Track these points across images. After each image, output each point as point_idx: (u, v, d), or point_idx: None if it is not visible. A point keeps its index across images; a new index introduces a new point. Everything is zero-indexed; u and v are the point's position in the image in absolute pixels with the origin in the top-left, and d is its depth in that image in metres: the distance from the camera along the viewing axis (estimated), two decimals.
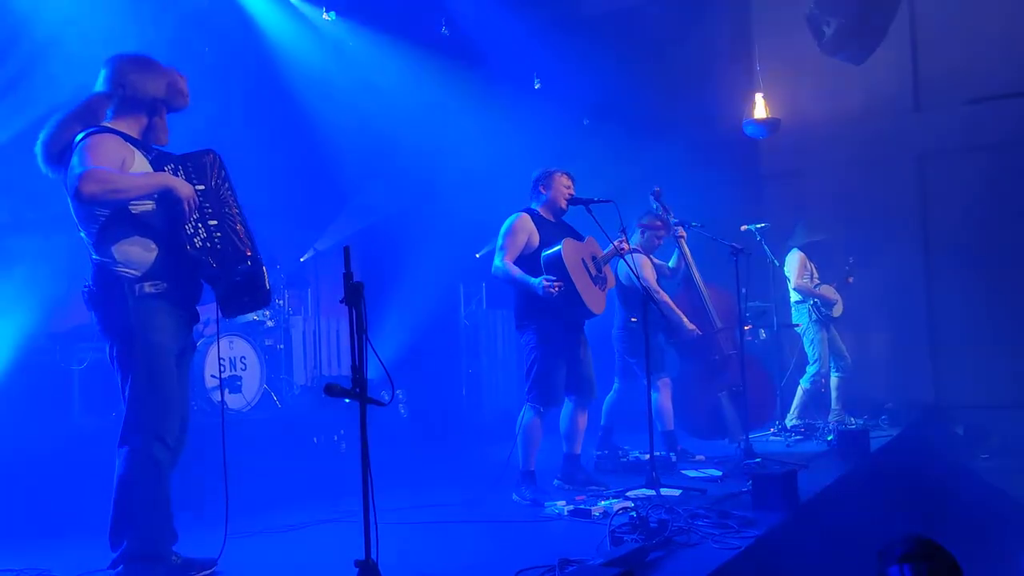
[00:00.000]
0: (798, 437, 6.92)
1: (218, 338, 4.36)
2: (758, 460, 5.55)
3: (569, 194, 5.12)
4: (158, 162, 3.50)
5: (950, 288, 9.00)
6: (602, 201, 4.95)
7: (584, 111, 9.15)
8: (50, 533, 4.26)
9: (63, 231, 4.74)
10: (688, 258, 6.31)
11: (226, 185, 3.60)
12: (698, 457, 6.01)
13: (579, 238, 5.11)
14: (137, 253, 3.38)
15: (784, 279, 7.57)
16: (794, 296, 7.55)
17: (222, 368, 6.02)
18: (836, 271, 7.81)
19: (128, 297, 3.35)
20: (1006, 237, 8.69)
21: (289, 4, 7.31)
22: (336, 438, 6.32)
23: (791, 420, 7.31)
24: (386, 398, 3.04)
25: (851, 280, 7.79)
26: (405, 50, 7.89)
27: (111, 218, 3.35)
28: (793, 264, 7.54)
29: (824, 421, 7.32)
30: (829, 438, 6.51)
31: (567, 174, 5.18)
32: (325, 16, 7.33)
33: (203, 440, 4.29)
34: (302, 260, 7.67)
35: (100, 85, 3.50)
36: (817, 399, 7.58)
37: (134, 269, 3.37)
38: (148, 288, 3.37)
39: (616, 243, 5.04)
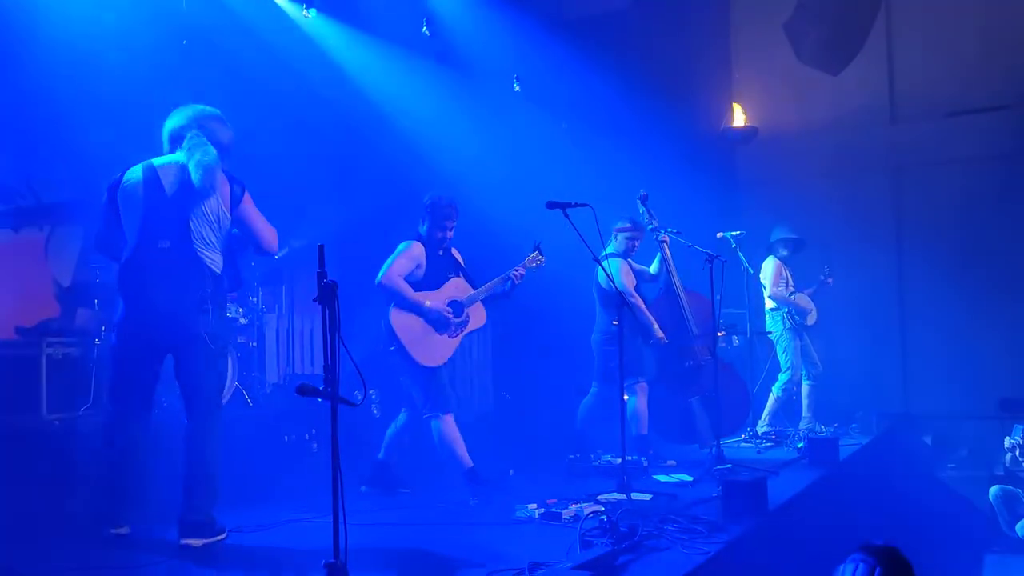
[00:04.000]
0: (769, 444, 6.97)
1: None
2: (729, 466, 5.58)
3: (448, 232, 5.24)
4: None
5: (922, 299, 9.11)
6: (579, 205, 4.95)
7: (563, 115, 9.16)
8: (17, 532, 4.20)
9: (34, 225, 4.70)
10: (670, 264, 6.34)
11: None
12: (669, 462, 6.03)
13: (455, 270, 5.26)
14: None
15: (758, 286, 7.62)
16: (769, 304, 7.61)
17: None
18: (811, 279, 7.88)
19: (227, 306, 4.31)
20: (979, 249, 8.80)
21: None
22: (308, 437, 6.27)
23: (762, 427, 7.36)
24: (359, 398, 3.03)
25: (831, 281, 7.87)
26: (385, 49, 7.86)
27: (225, 243, 4.08)
28: (768, 272, 7.59)
29: (795, 428, 7.39)
30: (799, 445, 6.56)
31: (451, 206, 5.24)
32: (305, 13, 7.28)
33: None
34: (277, 257, 7.59)
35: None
36: (788, 406, 7.64)
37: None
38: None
39: (514, 272, 5.27)
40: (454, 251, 5.37)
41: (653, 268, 6.44)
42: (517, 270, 5.28)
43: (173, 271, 3.89)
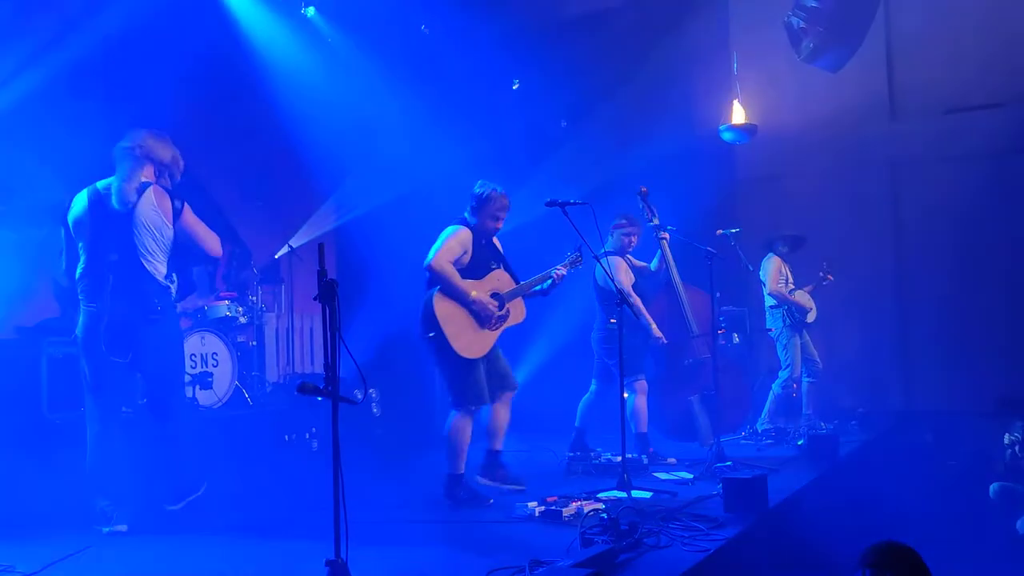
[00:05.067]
0: (769, 441, 6.97)
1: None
2: (728, 464, 5.58)
3: (498, 223, 5.07)
4: None
5: (921, 296, 9.10)
6: (578, 203, 4.94)
7: (562, 113, 9.16)
8: (13, 529, 4.20)
9: (33, 225, 4.74)
10: (669, 261, 6.33)
11: None
12: (670, 460, 6.02)
13: (498, 261, 5.10)
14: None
15: (759, 283, 7.62)
16: (769, 301, 7.60)
17: (193, 364, 5.98)
18: (810, 277, 7.87)
19: (175, 310, 4.55)
20: (977, 247, 8.80)
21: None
22: (308, 436, 6.28)
23: (762, 424, 7.36)
24: (359, 397, 3.04)
25: (830, 278, 7.86)
26: (384, 47, 7.86)
27: (172, 251, 4.41)
28: (768, 269, 7.58)
29: (795, 426, 7.39)
30: (799, 443, 6.56)
31: (505, 202, 5.05)
32: (304, 11, 7.29)
33: None
34: (277, 257, 7.61)
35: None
36: (788, 404, 7.63)
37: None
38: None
39: (556, 271, 5.13)
40: (495, 240, 5.22)
41: (653, 265, 6.43)
42: (559, 270, 5.16)
43: (122, 281, 4.28)
